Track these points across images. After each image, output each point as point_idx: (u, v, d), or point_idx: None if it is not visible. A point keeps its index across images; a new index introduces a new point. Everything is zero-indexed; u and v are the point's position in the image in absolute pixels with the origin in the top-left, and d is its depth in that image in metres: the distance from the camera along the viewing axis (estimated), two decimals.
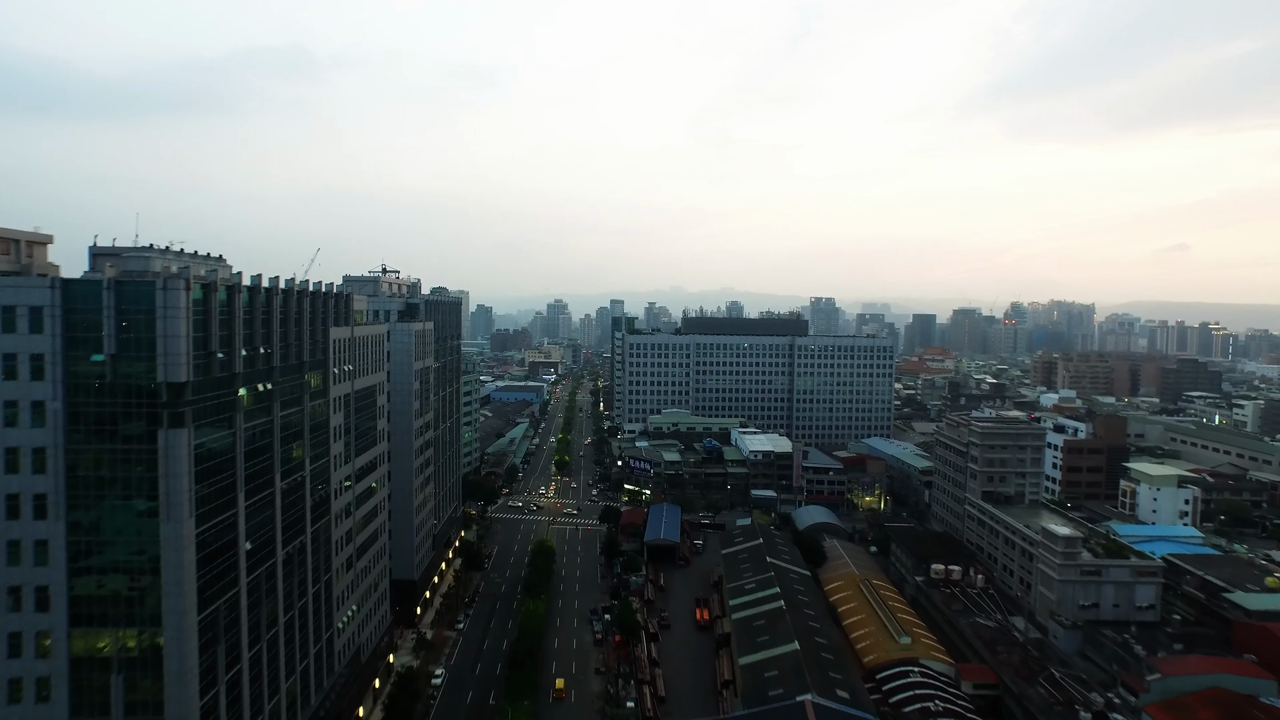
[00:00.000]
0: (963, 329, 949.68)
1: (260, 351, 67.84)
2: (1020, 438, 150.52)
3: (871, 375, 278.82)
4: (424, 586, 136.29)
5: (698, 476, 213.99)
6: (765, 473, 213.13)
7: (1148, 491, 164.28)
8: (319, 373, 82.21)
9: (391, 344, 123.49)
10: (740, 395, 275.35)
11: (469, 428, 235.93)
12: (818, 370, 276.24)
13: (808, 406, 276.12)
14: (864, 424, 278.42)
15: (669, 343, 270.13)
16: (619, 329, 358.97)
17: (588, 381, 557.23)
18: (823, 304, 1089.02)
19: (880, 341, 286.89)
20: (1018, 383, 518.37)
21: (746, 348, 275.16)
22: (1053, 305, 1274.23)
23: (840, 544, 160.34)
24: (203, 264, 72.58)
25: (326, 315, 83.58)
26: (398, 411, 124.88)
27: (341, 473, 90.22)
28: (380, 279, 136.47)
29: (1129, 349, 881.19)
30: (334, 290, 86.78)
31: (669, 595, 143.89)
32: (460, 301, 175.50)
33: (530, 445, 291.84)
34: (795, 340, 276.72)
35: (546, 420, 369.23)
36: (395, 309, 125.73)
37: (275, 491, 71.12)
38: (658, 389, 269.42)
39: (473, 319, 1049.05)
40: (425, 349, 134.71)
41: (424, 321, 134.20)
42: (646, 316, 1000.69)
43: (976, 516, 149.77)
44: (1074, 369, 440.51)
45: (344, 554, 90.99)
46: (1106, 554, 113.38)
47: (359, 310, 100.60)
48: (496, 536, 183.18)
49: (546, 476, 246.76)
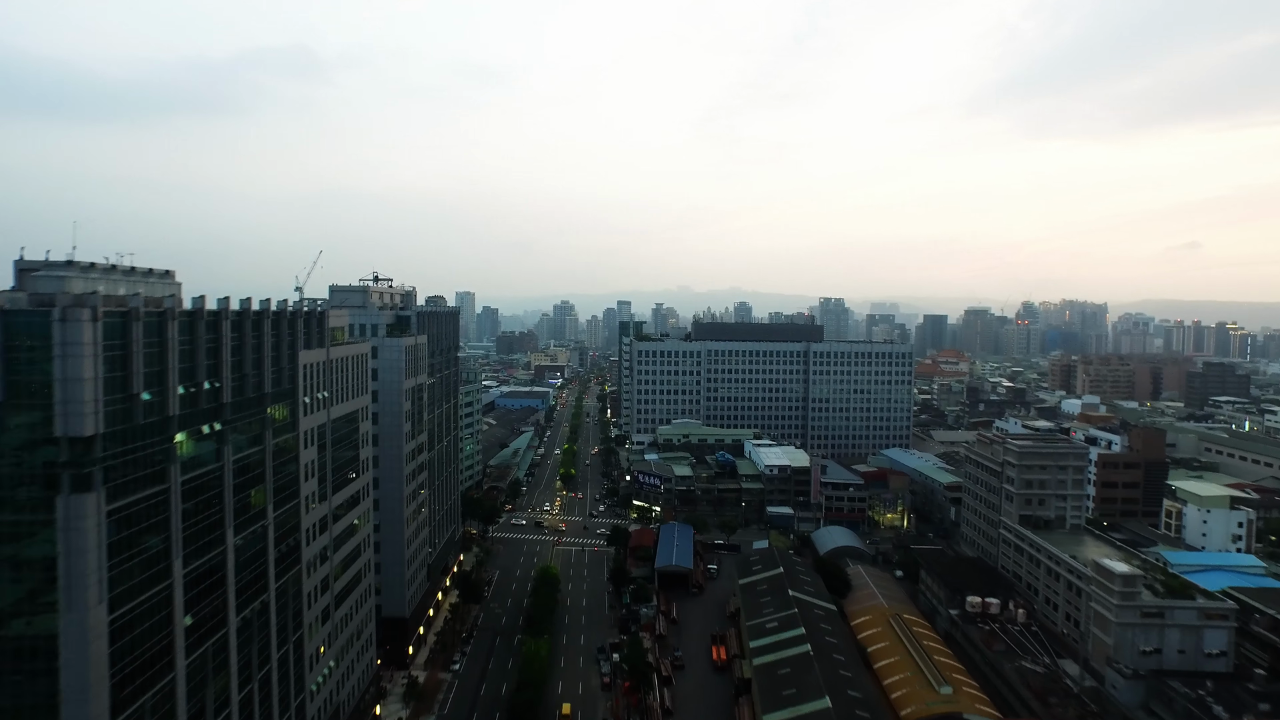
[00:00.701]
0: (974, 329, 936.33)
1: (206, 387, 57.55)
2: (1061, 458, 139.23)
3: (890, 382, 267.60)
4: (417, 622, 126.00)
5: (710, 493, 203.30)
6: (781, 488, 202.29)
7: (1197, 514, 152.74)
8: (286, 404, 71.99)
9: (379, 361, 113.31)
10: (753, 404, 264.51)
11: (470, 440, 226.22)
12: (833, 377, 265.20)
13: (823, 416, 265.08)
14: (882, 433, 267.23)
15: (678, 350, 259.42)
16: (626, 334, 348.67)
17: (594, 386, 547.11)
18: (832, 305, 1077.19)
19: (899, 347, 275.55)
20: (1034, 386, 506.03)
21: (759, 354, 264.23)
22: (1065, 305, 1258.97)
23: (865, 570, 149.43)
24: (144, 282, 62.21)
25: (295, 338, 73.33)
26: (387, 435, 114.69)
27: (316, 514, 79.94)
28: (369, 289, 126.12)
29: (1144, 349, 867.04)
30: (305, 308, 76.50)
31: (682, 629, 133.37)
32: (458, 311, 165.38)
33: (535, 456, 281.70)
34: (810, 346, 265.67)
35: (552, 428, 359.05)
36: (384, 323, 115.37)
37: (227, 549, 60.88)
38: (667, 398, 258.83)
39: (478, 320, 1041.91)
40: (418, 365, 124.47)
41: (416, 335, 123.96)
42: (654, 318, 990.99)
43: (1013, 542, 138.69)
44: (1094, 373, 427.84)
45: (319, 605, 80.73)
46: (1168, 592, 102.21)
47: (338, 327, 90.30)
48: (499, 559, 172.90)
49: (551, 490, 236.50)
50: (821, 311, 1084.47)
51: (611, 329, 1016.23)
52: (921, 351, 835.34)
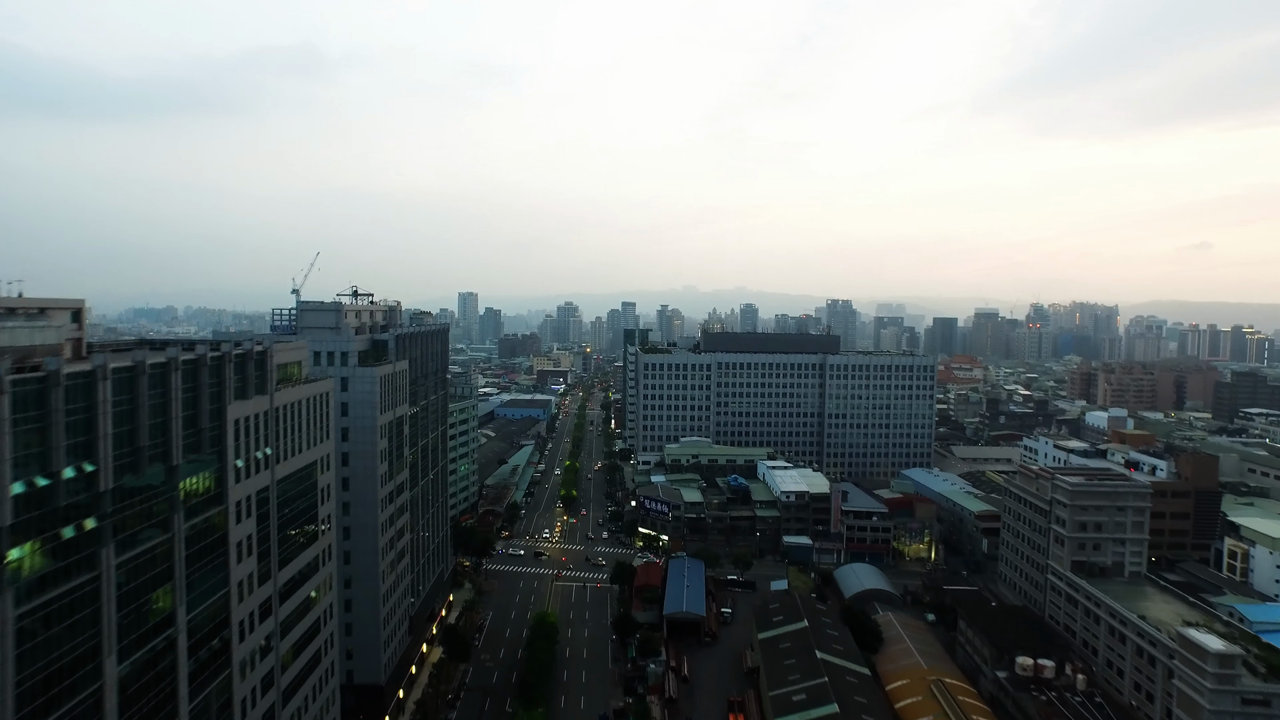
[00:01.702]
0: (985, 333, 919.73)
1: (66, 476, 43.16)
2: (1119, 497, 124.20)
3: (910, 396, 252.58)
4: (396, 684, 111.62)
5: (722, 521, 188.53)
6: (799, 516, 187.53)
7: (1268, 557, 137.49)
8: (207, 472, 57.59)
9: (349, 395, 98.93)
10: (765, 420, 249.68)
11: (465, 461, 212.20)
12: (851, 392, 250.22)
13: (840, 432, 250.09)
14: (902, 451, 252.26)
15: (686, 363, 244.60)
16: (631, 342, 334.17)
17: (598, 392, 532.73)
18: (839, 306, 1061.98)
19: (919, 359, 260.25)
20: (1052, 394, 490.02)
21: (772, 367, 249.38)
22: (1075, 307, 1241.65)
23: (896, 619, 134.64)
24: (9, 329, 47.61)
25: (223, 388, 58.95)
26: (359, 479, 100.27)
27: (255, 599, 65.64)
28: (344, 308, 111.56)
29: (1158, 354, 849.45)
30: (240, 349, 61.99)
31: (694, 689, 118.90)
32: (446, 329, 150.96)
33: (535, 473, 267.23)
34: (826, 359, 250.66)
35: (554, 439, 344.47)
36: (355, 350, 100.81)
37: (105, 686, 46.35)
38: (674, 413, 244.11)
39: (481, 321, 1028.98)
40: (396, 395, 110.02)
41: (395, 362, 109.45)
42: (659, 320, 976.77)
43: (1064, 591, 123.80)
44: (1115, 382, 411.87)
45: (257, 712, 66.24)
46: (1270, 672, 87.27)
47: (292, 363, 75.91)
48: (493, 598, 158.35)
49: (552, 514, 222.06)
50: (829, 313, 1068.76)
51: (616, 330, 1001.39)
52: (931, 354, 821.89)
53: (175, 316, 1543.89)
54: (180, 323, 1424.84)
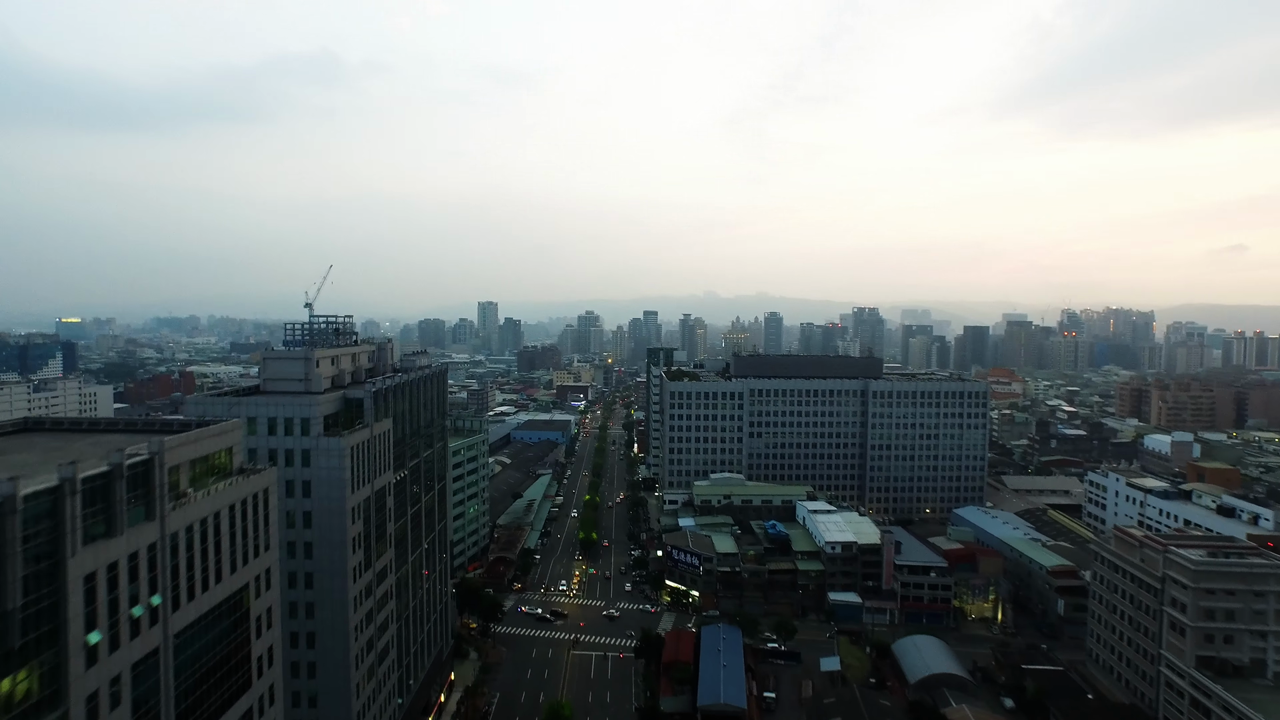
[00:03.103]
0: (1017, 342, 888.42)
1: None
2: (1257, 580, 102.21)
3: (960, 425, 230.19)
4: None
5: (759, 575, 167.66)
6: (846, 570, 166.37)
7: None
8: (29, 669, 38.29)
9: (312, 472, 79.69)
10: (801, 452, 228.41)
11: (475, 500, 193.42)
12: (895, 420, 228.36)
13: (884, 465, 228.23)
14: (952, 486, 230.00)
15: (716, 390, 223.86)
16: (655, 362, 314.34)
17: (620, 408, 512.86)
18: (866, 315, 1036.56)
19: (971, 384, 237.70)
20: (1098, 411, 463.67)
21: (809, 395, 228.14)
22: (1108, 313, 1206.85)
23: (972, 711, 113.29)
24: None
25: (60, 536, 39.63)
26: (325, 574, 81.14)
27: None
28: (313, 358, 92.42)
29: (1201, 363, 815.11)
30: (94, 474, 42.57)
31: None
32: (445, 371, 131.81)
33: (552, 507, 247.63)
34: (868, 385, 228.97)
35: (574, 465, 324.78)
36: (319, 415, 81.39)
37: None
38: (703, 446, 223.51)
39: (500, 332, 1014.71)
40: (376, 464, 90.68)
41: (373, 424, 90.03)
42: (681, 330, 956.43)
43: (1188, 693, 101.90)
44: (1171, 399, 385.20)
45: None
46: None
47: (216, 452, 56.63)
48: (500, 672, 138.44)
49: (569, 559, 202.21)
50: (855, 321, 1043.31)
51: (638, 340, 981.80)
52: (964, 366, 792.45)
53: (198, 326, 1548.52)
54: (202, 332, 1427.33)
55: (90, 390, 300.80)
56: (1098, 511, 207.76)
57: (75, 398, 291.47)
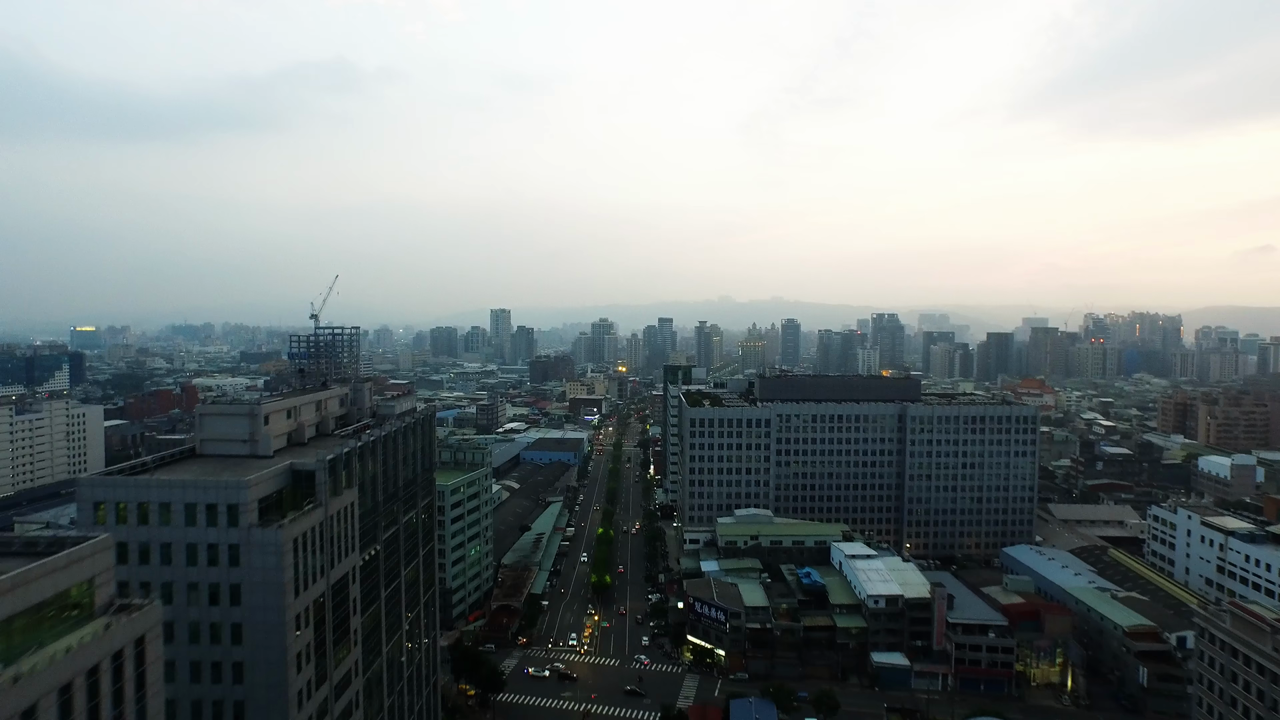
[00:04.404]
0: (1043, 349, 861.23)
1: None
2: None
3: (1008, 453, 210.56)
4: None
5: (793, 633, 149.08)
6: (891, 626, 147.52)
7: None
8: None
9: (242, 573, 62.24)
10: (833, 483, 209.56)
11: (477, 541, 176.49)
12: (936, 448, 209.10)
13: (924, 497, 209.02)
14: (998, 520, 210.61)
15: (741, 417, 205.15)
16: (673, 380, 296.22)
17: (635, 422, 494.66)
18: (885, 320, 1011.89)
19: (1019, 409, 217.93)
20: (1137, 425, 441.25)
21: (841, 420, 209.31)
22: (1134, 318, 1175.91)
23: None
24: None
25: None
26: (261, 705, 63.37)
27: None
28: (262, 412, 75.19)
29: (1236, 370, 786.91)
30: None
31: None
32: (433, 415, 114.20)
33: (563, 540, 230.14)
34: (906, 409, 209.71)
35: (586, 488, 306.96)
36: (251, 501, 63.75)
37: None
38: (727, 478, 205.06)
39: (513, 340, 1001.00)
40: (333, 550, 73.31)
41: (331, 500, 72.48)
42: (697, 337, 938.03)
43: None
44: (1221, 415, 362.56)
45: None
46: None
47: (70, 588, 39.17)
48: None
49: (581, 600, 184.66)
50: (874, 328, 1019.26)
51: (653, 347, 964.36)
52: (988, 375, 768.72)
53: (212, 334, 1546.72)
54: (215, 340, 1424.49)
55: (79, 411, 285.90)
56: (1164, 551, 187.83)
57: (63, 420, 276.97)
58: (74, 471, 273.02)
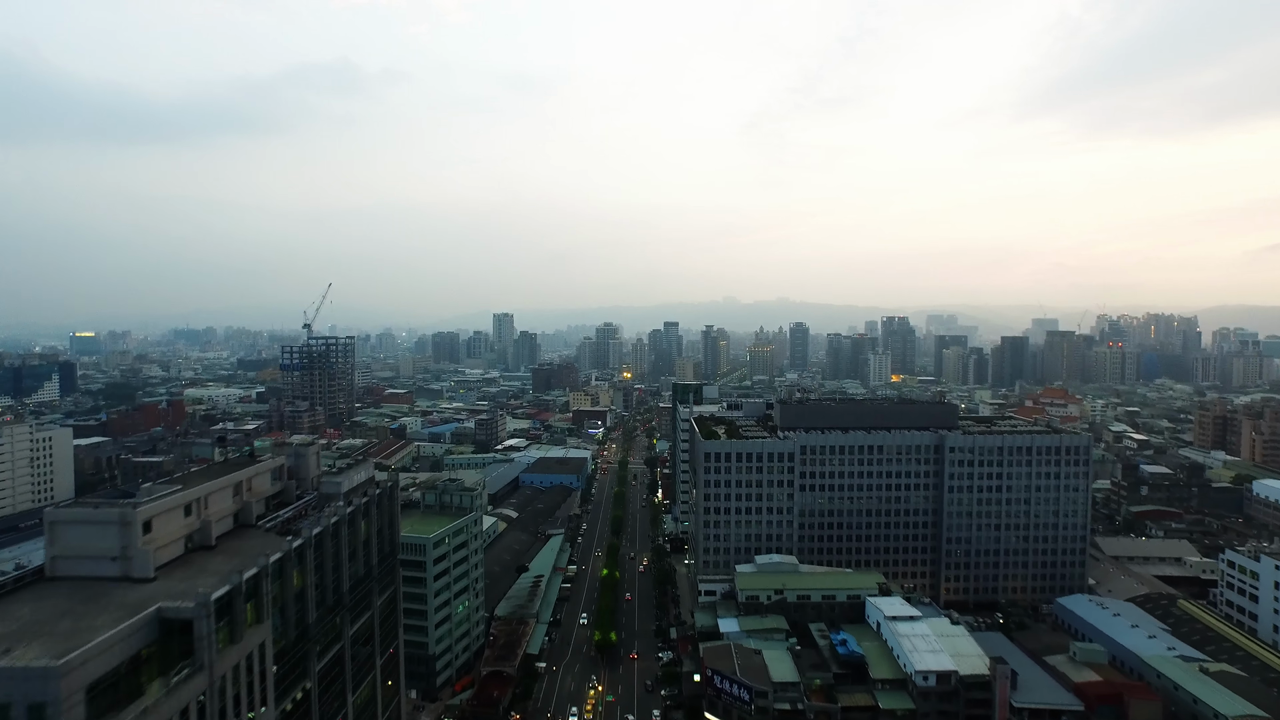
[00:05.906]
0: (1059, 353, 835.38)
1: None
2: None
3: (1057, 487, 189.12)
4: None
5: (829, 714, 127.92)
6: (943, 709, 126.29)
7: None
8: None
9: None
10: (863, 523, 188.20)
11: (465, 596, 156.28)
12: (977, 482, 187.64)
13: (964, 538, 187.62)
14: (1047, 562, 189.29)
15: (761, 451, 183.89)
16: (683, 400, 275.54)
17: (641, 435, 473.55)
18: (896, 324, 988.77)
19: (1070, 438, 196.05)
20: (1170, 438, 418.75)
21: (871, 451, 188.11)
22: (1148, 319, 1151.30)
23: None
24: None
25: None
26: None
27: None
28: (137, 511, 54.47)
29: (1260, 374, 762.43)
30: None
31: None
32: (394, 488, 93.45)
33: (564, 581, 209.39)
34: (944, 439, 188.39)
35: (589, 515, 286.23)
36: (56, 697, 42.96)
37: None
38: (746, 518, 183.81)
39: (515, 346, 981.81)
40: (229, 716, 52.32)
41: (229, 647, 51.58)
42: (704, 342, 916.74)
43: None
44: (1268, 429, 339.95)
45: None
46: None
47: None
48: None
49: (583, 661, 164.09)
50: (884, 332, 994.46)
51: (659, 352, 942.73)
52: (1003, 381, 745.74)
53: (213, 338, 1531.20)
54: (216, 345, 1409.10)
55: (45, 435, 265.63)
56: (1243, 603, 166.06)
57: (26, 445, 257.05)
58: (38, 501, 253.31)
